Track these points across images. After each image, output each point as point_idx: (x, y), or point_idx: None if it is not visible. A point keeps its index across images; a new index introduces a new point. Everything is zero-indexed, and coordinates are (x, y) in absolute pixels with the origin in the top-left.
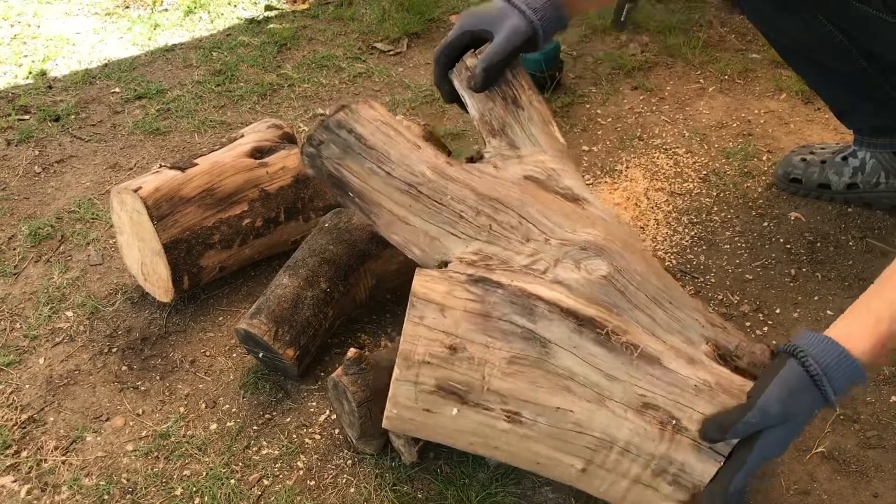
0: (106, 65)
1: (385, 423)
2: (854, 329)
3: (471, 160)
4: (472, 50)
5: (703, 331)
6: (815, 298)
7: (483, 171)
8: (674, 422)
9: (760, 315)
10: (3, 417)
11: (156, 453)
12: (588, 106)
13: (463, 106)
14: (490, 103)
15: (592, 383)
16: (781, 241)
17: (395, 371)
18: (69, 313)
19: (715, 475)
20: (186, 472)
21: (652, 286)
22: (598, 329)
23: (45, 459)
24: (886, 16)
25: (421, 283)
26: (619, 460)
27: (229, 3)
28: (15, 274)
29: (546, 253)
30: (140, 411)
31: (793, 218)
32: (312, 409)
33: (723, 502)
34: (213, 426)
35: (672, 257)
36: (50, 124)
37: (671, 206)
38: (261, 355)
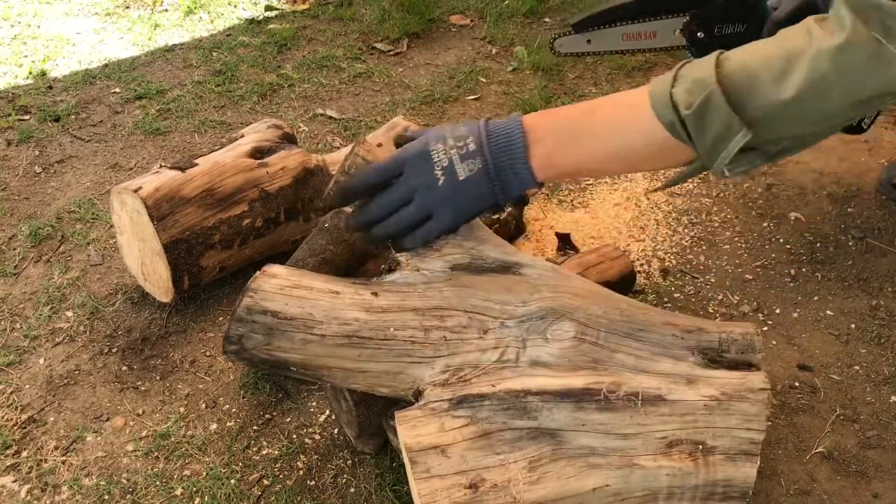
0: (106, 65)
1: None
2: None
3: (389, 270)
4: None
5: (682, 342)
6: (815, 298)
7: (411, 282)
8: (700, 447)
9: (760, 315)
10: (3, 417)
11: (156, 453)
12: None
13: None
14: None
15: (613, 449)
16: (781, 241)
17: None
18: (69, 313)
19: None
20: (186, 472)
21: (618, 322)
22: (595, 397)
23: (45, 459)
24: None
25: (409, 434)
26: None
27: (229, 3)
28: (15, 274)
29: (509, 337)
30: (140, 411)
31: (793, 218)
32: (312, 409)
33: (356, 223)
34: (213, 426)
35: (672, 257)
36: (50, 124)
37: (671, 206)
38: None
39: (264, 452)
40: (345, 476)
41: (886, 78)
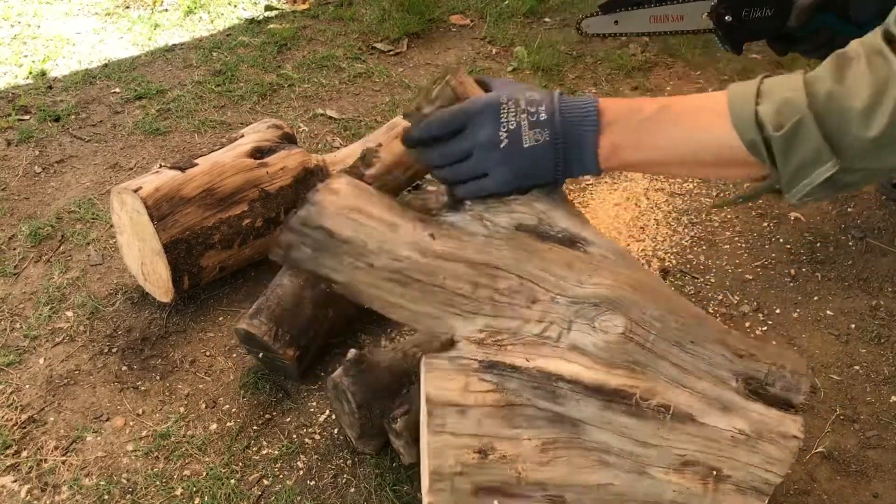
0: (106, 65)
1: None
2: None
3: (453, 206)
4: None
5: (730, 366)
6: (815, 298)
7: (472, 231)
8: (714, 472)
9: (760, 315)
10: (3, 417)
11: (156, 453)
12: None
13: None
14: None
15: (629, 453)
16: (781, 241)
17: (429, 483)
18: (69, 313)
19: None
20: (186, 472)
21: (671, 329)
22: (626, 400)
23: (45, 459)
24: None
25: (434, 384)
26: None
27: (229, 3)
28: (15, 274)
29: (556, 314)
30: (140, 411)
31: (793, 218)
32: (312, 409)
33: (417, 135)
34: (213, 426)
35: (672, 257)
36: (50, 124)
37: (671, 206)
38: (261, 355)
39: (264, 452)
40: (345, 476)
41: None
